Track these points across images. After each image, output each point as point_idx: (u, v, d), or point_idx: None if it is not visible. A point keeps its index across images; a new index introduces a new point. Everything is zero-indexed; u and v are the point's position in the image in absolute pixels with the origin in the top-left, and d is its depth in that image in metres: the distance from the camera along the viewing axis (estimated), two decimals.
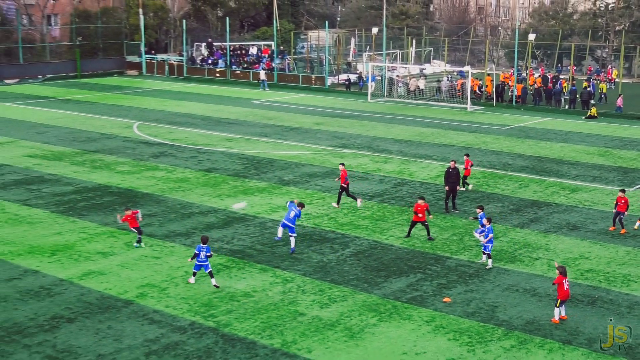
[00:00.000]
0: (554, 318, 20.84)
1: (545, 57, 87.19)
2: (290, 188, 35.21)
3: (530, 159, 42.44)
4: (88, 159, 41.27)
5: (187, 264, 25.06)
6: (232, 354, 18.76)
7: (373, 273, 24.52)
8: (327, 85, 74.91)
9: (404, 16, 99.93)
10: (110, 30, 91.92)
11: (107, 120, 54.91)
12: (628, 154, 44.02)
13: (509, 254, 26.22)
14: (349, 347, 19.24)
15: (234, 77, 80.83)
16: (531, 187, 36.03)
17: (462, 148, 44.67)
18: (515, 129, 52.59)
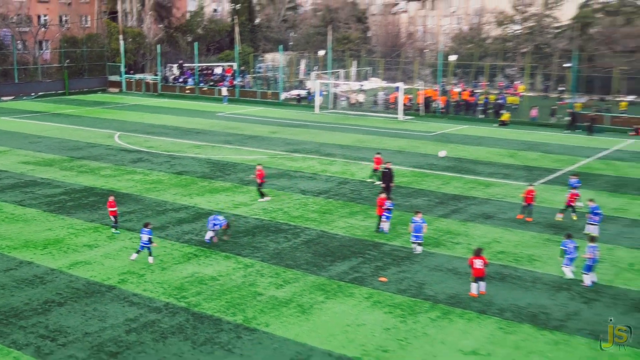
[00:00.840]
0: (471, 292, 21.15)
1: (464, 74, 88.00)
2: (250, 187, 35.09)
3: (451, 160, 42.87)
4: (75, 165, 40.69)
5: (162, 253, 24.94)
6: (201, 329, 18.71)
7: (321, 258, 24.61)
8: (281, 99, 74.76)
9: (346, 40, 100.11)
10: (94, 54, 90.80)
11: (91, 131, 54.14)
12: (532, 155, 44.73)
13: (434, 240, 26.51)
14: (301, 321, 19.31)
15: (202, 93, 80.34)
16: (452, 183, 36.45)
17: (395, 152, 45.01)
18: (439, 135, 53.09)
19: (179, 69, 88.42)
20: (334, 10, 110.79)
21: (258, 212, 30.53)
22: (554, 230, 27.92)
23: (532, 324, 19.14)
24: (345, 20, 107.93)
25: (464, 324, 19.17)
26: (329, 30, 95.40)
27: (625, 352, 17.48)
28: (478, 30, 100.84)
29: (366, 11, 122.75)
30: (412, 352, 17.51)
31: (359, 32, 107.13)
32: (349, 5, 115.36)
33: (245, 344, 17.88)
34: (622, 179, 37.88)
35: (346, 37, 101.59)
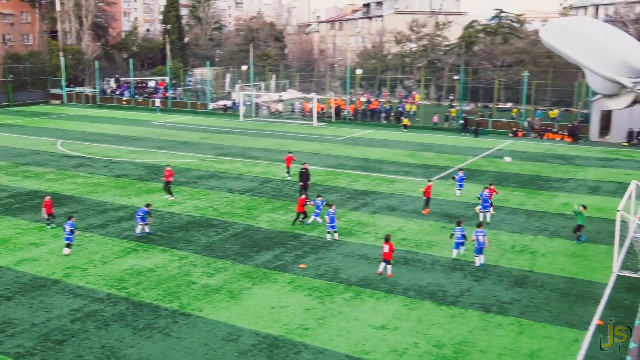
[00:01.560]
0: (379, 270, 21.53)
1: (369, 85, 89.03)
2: (183, 187, 34.45)
3: (360, 160, 43.26)
4: (20, 170, 38.97)
5: (103, 248, 24.16)
6: (141, 316, 18.21)
7: (247, 249, 24.36)
8: (209, 109, 73.82)
9: (266, 57, 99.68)
10: (37, 69, 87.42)
11: (35, 139, 51.96)
12: (428, 155, 45.63)
13: (347, 230, 26.65)
14: (231, 305, 19.05)
15: (137, 104, 78.43)
16: (361, 180, 36.78)
17: (310, 154, 45.06)
18: (349, 139, 53.50)
19: (116, 83, 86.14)
20: (255, 30, 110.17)
21: (190, 210, 29.98)
22: (448, 219, 28.51)
23: (432, 300, 19.47)
24: (265, 39, 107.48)
25: (374, 302, 19.32)
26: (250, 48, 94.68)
27: (509, 321, 18.01)
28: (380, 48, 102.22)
29: (283, 31, 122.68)
30: (329, 329, 17.52)
31: (277, 50, 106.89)
32: (268, 26, 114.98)
33: (182, 328, 17.49)
34: (503, 173, 39.10)
35: (266, 54, 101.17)
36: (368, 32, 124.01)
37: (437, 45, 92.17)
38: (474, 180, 36.64)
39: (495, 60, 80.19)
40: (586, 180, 37.28)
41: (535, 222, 28.24)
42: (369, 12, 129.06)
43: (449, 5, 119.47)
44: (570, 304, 19.22)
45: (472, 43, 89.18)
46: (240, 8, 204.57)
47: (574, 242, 25.28)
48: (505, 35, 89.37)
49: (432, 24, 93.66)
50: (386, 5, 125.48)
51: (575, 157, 45.48)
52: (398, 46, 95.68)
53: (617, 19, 78.82)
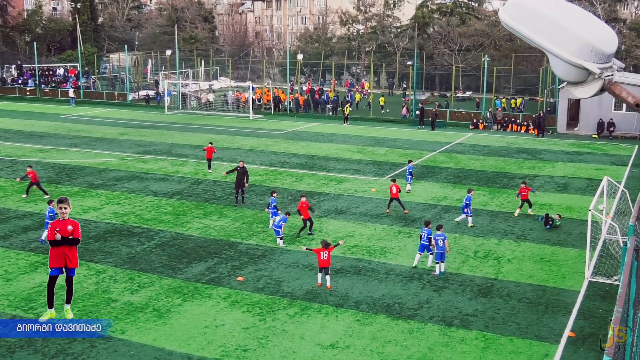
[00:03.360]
0: (319, 282, 21.67)
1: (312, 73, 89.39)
2: (100, 191, 33.84)
3: (303, 157, 43.36)
4: None
5: (6, 263, 23.50)
6: (52, 340, 17.76)
7: (176, 260, 24.09)
8: (128, 100, 72.78)
9: (193, 40, 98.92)
10: None
11: None
12: (380, 150, 46.09)
13: (289, 237, 26.63)
14: (158, 325, 18.81)
15: (43, 95, 76.67)
16: (305, 180, 36.84)
17: (247, 151, 44.94)
18: (290, 133, 53.56)
19: (17, 70, 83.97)
20: (180, 10, 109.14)
21: (109, 216, 29.46)
22: (403, 223, 28.85)
23: (387, 314, 19.65)
24: (192, 20, 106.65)
25: (322, 318, 19.37)
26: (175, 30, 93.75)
27: (473, 335, 18.35)
28: (323, 30, 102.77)
29: (212, 10, 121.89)
30: (272, 350, 17.49)
31: (206, 32, 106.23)
32: (195, 4, 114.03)
33: (100, 353, 17.17)
34: (463, 170, 39.83)
35: (193, 37, 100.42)
36: (309, 12, 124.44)
37: (387, 27, 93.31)
38: (431, 178, 37.22)
39: (452, 44, 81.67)
40: (554, 177, 38.32)
41: (499, 224, 28.86)
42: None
43: None
44: (539, 315, 19.71)
45: (426, 24, 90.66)
46: None
47: (542, 246, 25.94)
48: (462, 16, 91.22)
49: (382, 3, 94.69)
50: None
51: (542, 151, 46.72)
52: (344, 28, 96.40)
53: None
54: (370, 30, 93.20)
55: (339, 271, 23.04)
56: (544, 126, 54.07)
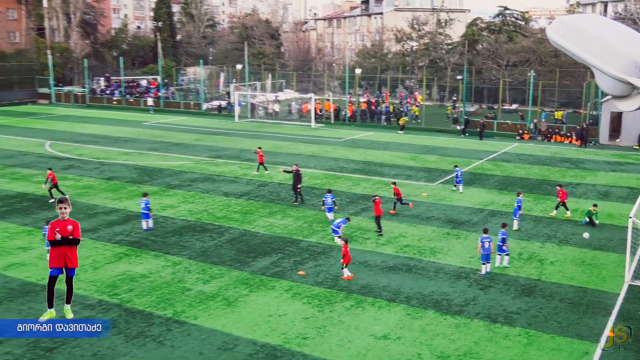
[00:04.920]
0: (344, 276, 21.81)
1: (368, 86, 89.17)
2: (177, 191, 34.49)
3: (360, 163, 43.30)
4: (8, 172, 38.94)
5: (94, 253, 24.15)
6: (133, 323, 18.22)
7: (244, 255, 24.36)
8: (203, 109, 73.89)
9: (261, 55, 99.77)
10: (24, 67, 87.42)
11: (23, 140, 51.97)
12: (431, 158, 45.66)
13: (347, 235, 26.57)
14: (227, 313, 19.06)
15: (128, 104, 78.46)
16: (362, 184, 36.79)
17: (308, 156, 45.15)
18: (349, 141, 53.55)
19: (106, 82, 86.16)
20: (250, 28, 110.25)
21: (184, 214, 29.99)
22: (452, 225, 28.55)
23: (435, 309, 19.49)
24: (260, 37, 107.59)
25: (375, 311, 19.33)
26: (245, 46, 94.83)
27: (517, 332, 18.04)
28: (380, 46, 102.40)
29: (279, 28, 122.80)
30: (329, 339, 17.53)
31: (272, 48, 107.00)
32: (263, 23, 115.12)
33: (176, 336, 17.50)
34: (509, 177, 39.16)
35: (261, 52, 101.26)
36: (367, 30, 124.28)
37: (439, 44, 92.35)
38: (479, 185, 36.74)
39: (500, 60, 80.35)
40: (596, 185, 37.36)
41: (543, 229, 28.28)
42: (368, 9, 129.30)
43: (451, 2, 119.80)
44: (580, 315, 19.25)
45: (476, 41, 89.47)
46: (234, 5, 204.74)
47: (583, 250, 25.33)
48: (510, 34, 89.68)
49: (434, 22, 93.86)
50: (386, 2, 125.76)
51: (585, 160, 45.58)
52: (398, 45, 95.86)
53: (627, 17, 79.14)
54: (423, 46, 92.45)
55: (392, 268, 22.96)
56: (586, 137, 52.73)
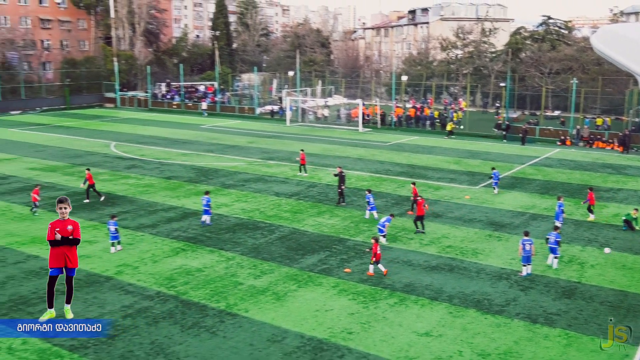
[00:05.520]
0: (369, 272, 21.86)
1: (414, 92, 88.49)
2: (231, 190, 34.82)
3: (405, 166, 42.99)
4: (76, 171, 39.94)
5: (153, 247, 24.57)
6: (189, 314, 18.43)
7: (293, 252, 24.43)
8: (256, 113, 74.49)
9: (312, 63, 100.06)
10: (92, 73, 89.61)
11: (90, 141, 53.27)
12: (474, 162, 45.02)
13: (391, 236, 26.45)
14: (276, 307, 19.13)
15: (187, 108, 79.65)
16: (406, 186, 36.42)
17: (356, 159, 45.05)
18: (394, 145, 53.24)
19: (167, 87, 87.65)
20: (301, 37, 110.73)
21: (238, 212, 30.25)
22: (494, 227, 28.09)
23: (477, 308, 19.18)
24: (311, 45, 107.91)
25: (418, 309, 19.13)
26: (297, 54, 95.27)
27: (557, 333, 17.62)
28: (425, 54, 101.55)
29: (329, 37, 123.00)
30: (373, 334, 17.43)
31: (323, 56, 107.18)
32: (314, 32, 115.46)
33: (228, 327, 17.64)
34: (551, 182, 38.33)
35: (312, 60, 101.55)
36: (413, 39, 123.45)
37: (483, 52, 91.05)
38: (520, 189, 36.07)
39: (543, 67, 78.71)
40: (637, 191, 36.23)
41: (584, 233, 27.57)
42: (415, 19, 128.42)
43: (495, 12, 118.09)
44: (620, 318, 18.66)
45: (519, 50, 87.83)
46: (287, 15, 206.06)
47: (624, 254, 24.59)
48: (553, 42, 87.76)
49: (479, 31, 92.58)
50: (432, 12, 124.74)
51: (626, 166, 44.29)
52: (444, 53, 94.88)
53: None
54: (467, 55, 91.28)
55: (434, 268, 22.71)
56: (629, 144, 51.21)
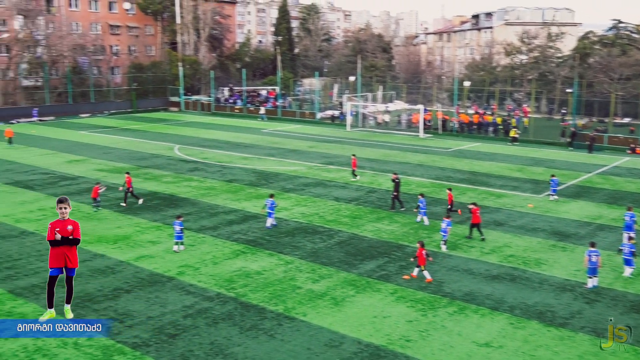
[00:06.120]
0: (413, 274, 22.01)
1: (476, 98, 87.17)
2: (291, 194, 35.06)
3: (466, 173, 42.37)
4: (141, 172, 41.03)
5: (214, 249, 24.97)
6: (248, 316, 18.63)
7: (352, 257, 24.40)
8: (317, 118, 74.87)
9: (373, 68, 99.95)
10: (158, 78, 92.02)
11: (155, 144, 54.65)
12: (538, 170, 43.98)
13: (451, 243, 26.10)
14: (334, 312, 19.12)
15: (249, 112, 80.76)
16: (468, 193, 35.94)
17: (416, 165, 44.69)
18: (456, 151, 52.57)
19: (229, 92, 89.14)
20: (363, 42, 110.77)
21: (297, 216, 30.43)
22: (558, 237, 27.35)
23: (539, 320, 18.69)
24: (373, 51, 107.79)
25: (478, 318, 18.78)
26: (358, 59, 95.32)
27: (625, 349, 16.99)
28: (489, 60, 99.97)
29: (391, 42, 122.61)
30: (431, 342, 17.21)
31: (384, 61, 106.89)
32: (376, 37, 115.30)
33: (286, 331, 17.74)
34: (619, 192, 37.07)
35: (373, 65, 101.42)
36: (477, 44, 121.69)
37: (549, 57, 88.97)
38: (587, 199, 35.02)
39: (612, 73, 76.28)
40: None
41: None
42: (478, 24, 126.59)
43: (562, 16, 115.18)
44: None
45: (587, 55, 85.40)
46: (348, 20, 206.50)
47: None
48: (623, 47, 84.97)
49: (544, 36, 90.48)
50: (496, 17, 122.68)
51: None
52: (508, 58, 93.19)
53: None
54: (532, 60, 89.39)
55: (495, 277, 22.27)
56: None
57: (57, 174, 40.68)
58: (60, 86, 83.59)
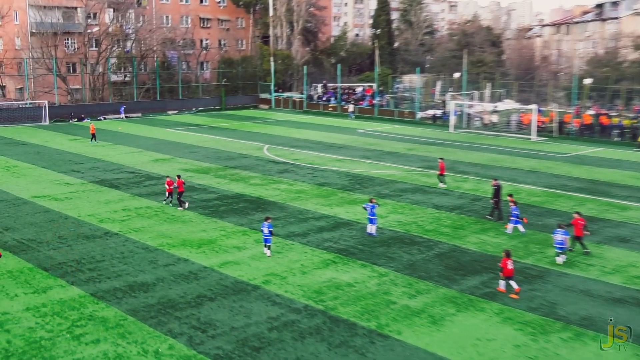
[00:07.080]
0: (500, 288, 21.75)
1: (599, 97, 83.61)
2: (387, 200, 34.80)
3: (585, 181, 40.67)
4: (228, 173, 41.97)
5: (303, 258, 25.11)
6: (337, 332, 18.56)
7: (452, 271, 23.88)
8: (417, 118, 74.22)
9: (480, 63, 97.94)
10: (248, 74, 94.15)
11: (243, 143, 55.82)
12: None
13: (568, 260, 25.04)
14: (432, 331, 18.74)
15: (343, 111, 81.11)
16: (586, 205, 34.43)
17: (527, 172, 43.35)
18: (573, 157, 50.60)
19: (323, 89, 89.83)
20: (470, 35, 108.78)
21: (393, 224, 30.15)
22: None
23: None
24: (480, 45, 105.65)
25: (597, 346, 17.83)
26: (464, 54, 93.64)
27: None
28: (614, 54, 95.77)
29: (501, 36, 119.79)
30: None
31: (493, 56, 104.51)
32: (484, 30, 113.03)
33: (378, 350, 17.52)
34: None
35: (481, 60, 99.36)
36: (600, 37, 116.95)
37: None
38: None
39: None
40: None
41: None
42: (602, 14, 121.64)
43: None
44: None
45: None
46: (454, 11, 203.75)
47: None
48: None
49: None
50: (623, 6, 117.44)
51: None
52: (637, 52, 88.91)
53: None
54: None
55: (618, 300, 21.16)
56: None
57: (142, 173, 42.24)
58: (149, 82, 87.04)
